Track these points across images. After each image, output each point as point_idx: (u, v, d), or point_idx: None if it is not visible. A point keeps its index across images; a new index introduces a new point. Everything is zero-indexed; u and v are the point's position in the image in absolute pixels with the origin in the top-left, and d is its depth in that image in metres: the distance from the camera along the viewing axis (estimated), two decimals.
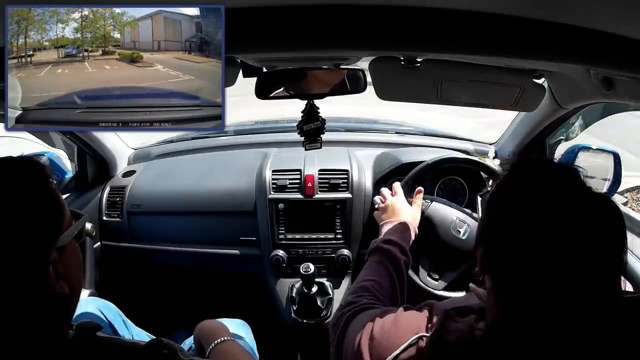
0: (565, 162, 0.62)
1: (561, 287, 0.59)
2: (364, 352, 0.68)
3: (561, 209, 0.58)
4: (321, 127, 1.15)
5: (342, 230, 1.50)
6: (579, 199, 0.58)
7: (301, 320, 1.42)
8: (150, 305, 1.77)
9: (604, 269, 0.59)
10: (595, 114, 1.58)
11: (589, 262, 0.58)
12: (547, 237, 0.58)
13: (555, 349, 0.56)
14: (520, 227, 0.58)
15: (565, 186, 0.59)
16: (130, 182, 1.66)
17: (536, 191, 0.58)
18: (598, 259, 0.58)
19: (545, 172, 0.61)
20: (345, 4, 0.60)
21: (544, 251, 0.59)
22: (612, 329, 0.57)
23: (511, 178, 0.63)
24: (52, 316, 0.59)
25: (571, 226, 0.58)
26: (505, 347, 0.58)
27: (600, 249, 0.58)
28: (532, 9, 0.61)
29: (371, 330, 0.69)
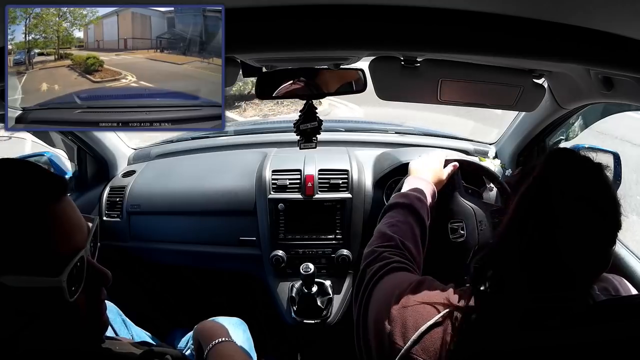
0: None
1: (562, 287, 0.59)
2: (394, 319, 0.69)
3: (562, 211, 0.59)
4: (318, 128, 1.14)
5: (342, 230, 1.50)
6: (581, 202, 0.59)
7: (301, 320, 1.42)
8: (150, 305, 1.78)
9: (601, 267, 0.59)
10: (595, 114, 1.58)
11: (587, 262, 0.58)
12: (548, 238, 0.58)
13: (556, 348, 0.56)
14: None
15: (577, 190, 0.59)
16: (130, 182, 1.66)
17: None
18: (596, 258, 0.59)
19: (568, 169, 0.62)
20: (345, 4, 0.60)
21: (546, 251, 0.59)
22: (612, 329, 0.57)
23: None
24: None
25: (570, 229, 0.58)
26: (509, 346, 0.58)
27: (598, 249, 0.59)
28: (532, 9, 0.61)
29: (400, 299, 0.70)
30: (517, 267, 0.65)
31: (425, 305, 0.67)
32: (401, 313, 0.69)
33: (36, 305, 0.52)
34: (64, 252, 0.53)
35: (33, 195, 0.53)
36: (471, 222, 1.30)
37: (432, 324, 0.65)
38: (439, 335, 0.64)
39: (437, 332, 0.64)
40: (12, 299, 0.51)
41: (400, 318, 0.68)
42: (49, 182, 0.55)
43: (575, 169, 0.62)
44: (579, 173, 0.62)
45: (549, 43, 0.65)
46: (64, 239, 0.54)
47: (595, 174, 0.62)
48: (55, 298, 0.52)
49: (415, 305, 0.68)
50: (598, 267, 0.61)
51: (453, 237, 1.29)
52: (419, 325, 0.65)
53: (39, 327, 0.55)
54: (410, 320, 0.67)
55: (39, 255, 0.52)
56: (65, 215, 0.55)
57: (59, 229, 0.54)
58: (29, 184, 0.54)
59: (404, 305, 0.69)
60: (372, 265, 0.84)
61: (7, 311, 0.52)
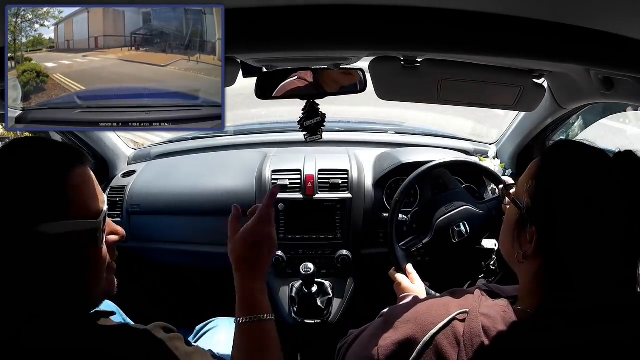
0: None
1: (562, 287, 0.59)
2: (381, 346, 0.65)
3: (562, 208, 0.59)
4: (321, 122, 1.14)
5: (342, 230, 1.50)
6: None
7: (301, 320, 1.42)
8: (149, 305, 1.77)
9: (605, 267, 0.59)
10: (595, 114, 1.59)
11: (587, 262, 0.58)
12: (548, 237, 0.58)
13: (556, 349, 0.56)
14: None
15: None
16: (130, 182, 1.66)
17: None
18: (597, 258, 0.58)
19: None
20: (345, 4, 0.60)
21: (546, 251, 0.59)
22: (612, 329, 0.57)
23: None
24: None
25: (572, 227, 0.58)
26: (509, 347, 0.58)
27: (599, 248, 0.58)
28: (532, 9, 0.61)
29: (392, 325, 0.66)
30: (519, 267, 0.65)
31: (424, 317, 0.65)
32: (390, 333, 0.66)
33: (71, 251, 0.60)
34: (92, 206, 0.63)
35: (61, 160, 0.61)
36: (471, 222, 1.31)
37: (437, 331, 0.63)
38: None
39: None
40: (50, 248, 0.58)
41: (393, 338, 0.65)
42: (71, 151, 0.65)
43: (576, 163, 0.61)
44: (580, 168, 0.61)
45: (549, 43, 0.65)
46: (93, 195, 0.63)
47: (597, 168, 0.60)
48: (88, 243, 0.62)
49: (412, 318, 0.66)
50: (603, 267, 0.59)
51: (456, 240, 1.29)
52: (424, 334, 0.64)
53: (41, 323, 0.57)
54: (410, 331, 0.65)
55: (78, 206, 0.61)
56: (91, 179, 0.64)
57: (89, 187, 0.63)
58: (57, 151, 0.63)
59: (387, 323, 0.67)
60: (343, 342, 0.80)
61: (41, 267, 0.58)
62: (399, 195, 1.31)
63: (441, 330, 0.61)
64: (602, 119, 1.65)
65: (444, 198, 1.36)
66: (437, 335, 0.61)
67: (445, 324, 0.62)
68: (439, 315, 0.63)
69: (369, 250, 1.53)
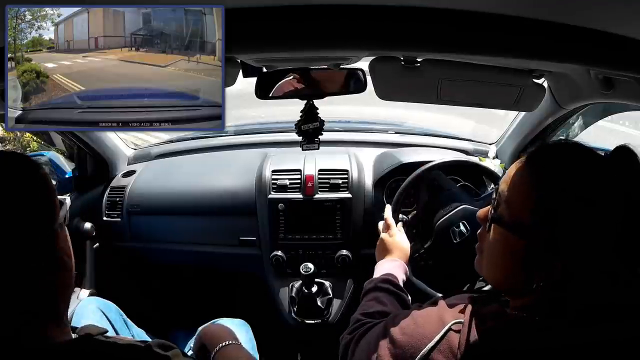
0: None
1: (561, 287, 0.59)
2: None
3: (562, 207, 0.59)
4: (319, 128, 1.14)
5: (342, 230, 1.50)
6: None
7: (301, 320, 1.42)
8: (150, 305, 1.77)
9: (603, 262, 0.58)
10: (595, 114, 1.59)
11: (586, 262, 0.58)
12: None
13: (556, 349, 0.56)
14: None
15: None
16: (130, 182, 1.66)
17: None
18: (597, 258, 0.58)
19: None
20: (345, 4, 0.60)
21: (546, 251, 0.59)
22: (612, 329, 0.57)
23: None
24: (50, 309, 0.59)
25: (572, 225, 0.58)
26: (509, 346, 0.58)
27: (599, 248, 0.58)
28: (532, 9, 0.61)
29: (390, 336, 0.68)
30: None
31: (419, 330, 0.66)
32: (394, 351, 0.67)
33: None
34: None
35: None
36: (471, 220, 1.30)
37: (434, 344, 0.64)
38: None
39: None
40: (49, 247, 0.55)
41: (395, 355, 0.67)
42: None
43: (574, 164, 0.61)
44: (577, 168, 0.60)
45: (549, 43, 0.66)
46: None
47: (595, 168, 0.60)
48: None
49: (410, 333, 0.66)
50: (600, 266, 0.59)
51: (458, 240, 1.29)
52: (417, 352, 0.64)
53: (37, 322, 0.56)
54: (406, 351, 0.66)
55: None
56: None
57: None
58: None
59: (395, 341, 0.67)
60: (354, 330, 0.83)
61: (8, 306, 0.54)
62: (398, 197, 1.31)
63: (436, 346, 0.62)
64: (602, 119, 1.65)
65: (440, 200, 1.36)
66: (432, 351, 0.62)
67: (440, 337, 0.62)
68: (434, 330, 0.63)
69: (369, 250, 1.52)
